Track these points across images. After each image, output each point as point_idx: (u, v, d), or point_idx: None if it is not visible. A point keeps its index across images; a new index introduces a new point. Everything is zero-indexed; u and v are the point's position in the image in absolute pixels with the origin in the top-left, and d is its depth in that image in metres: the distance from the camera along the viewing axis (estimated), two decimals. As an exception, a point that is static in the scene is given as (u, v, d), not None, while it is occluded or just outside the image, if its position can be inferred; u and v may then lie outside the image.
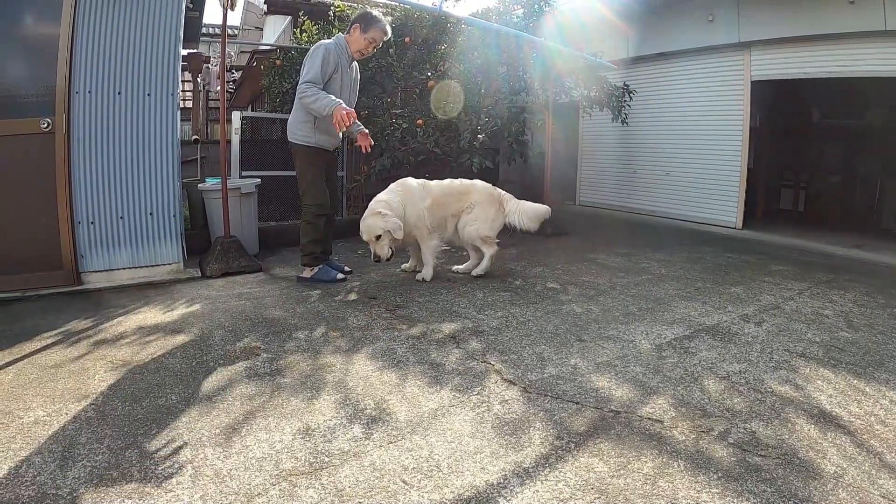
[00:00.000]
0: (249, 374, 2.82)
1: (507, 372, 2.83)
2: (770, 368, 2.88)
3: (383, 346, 3.20)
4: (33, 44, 4.29)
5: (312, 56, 4.28)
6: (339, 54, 4.36)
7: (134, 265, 4.58)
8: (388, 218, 4.15)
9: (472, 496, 1.85)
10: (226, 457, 2.09)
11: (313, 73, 4.22)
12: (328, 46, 4.31)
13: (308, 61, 4.29)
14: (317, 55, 4.26)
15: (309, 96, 4.17)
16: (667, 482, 1.91)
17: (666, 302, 3.99)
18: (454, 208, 4.58)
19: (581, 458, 2.07)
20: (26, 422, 2.35)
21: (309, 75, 4.22)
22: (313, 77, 4.22)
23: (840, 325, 3.56)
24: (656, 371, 2.84)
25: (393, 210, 4.22)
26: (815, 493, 1.85)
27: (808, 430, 2.26)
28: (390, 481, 1.94)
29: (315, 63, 4.24)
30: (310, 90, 4.18)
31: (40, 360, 3.00)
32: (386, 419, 2.37)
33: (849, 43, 6.18)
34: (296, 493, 1.87)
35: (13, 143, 4.16)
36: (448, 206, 4.55)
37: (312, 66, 4.24)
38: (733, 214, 7.47)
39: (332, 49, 4.32)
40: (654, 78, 8.39)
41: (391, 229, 4.13)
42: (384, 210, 4.18)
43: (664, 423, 2.31)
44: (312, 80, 4.21)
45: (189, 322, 3.61)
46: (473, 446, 2.15)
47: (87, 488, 1.90)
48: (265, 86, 8.55)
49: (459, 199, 4.60)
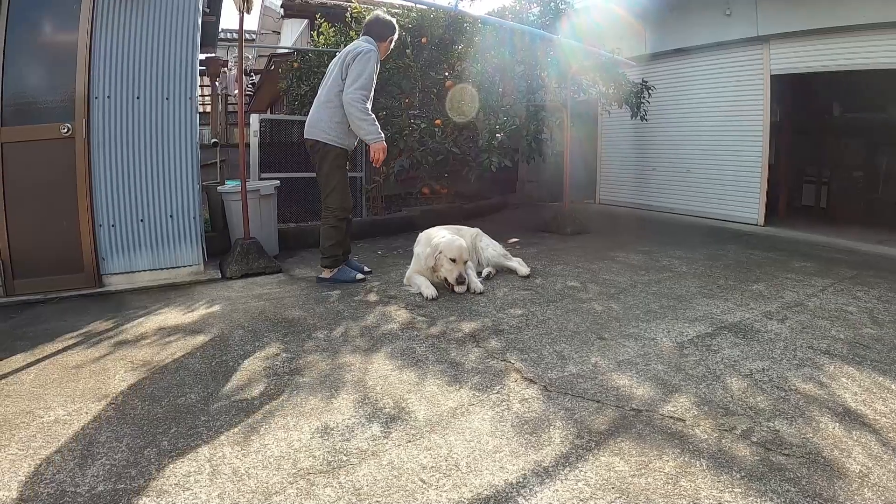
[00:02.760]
0: (268, 374, 2.83)
1: (527, 370, 2.81)
2: (794, 366, 2.82)
3: (402, 346, 3.19)
4: (52, 50, 4.35)
5: (365, 61, 4.26)
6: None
7: (154, 267, 4.62)
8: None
9: (491, 495, 1.83)
10: (244, 455, 2.10)
11: (367, 83, 4.27)
12: (375, 53, 4.38)
13: (360, 66, 4.25)
14: (369, 61, 4.28)
15: (363, 111, 4.25)
16: (689, 482, 1.88)
17: (687, 299, 3.94)
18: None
19: (602, 457, 2.04)
20: (46, 421, 2.38)
21: (363, 83, 4.24)
22: (367, 86, 4.26)
23: (864, 321, 3.48)
24: (678, 369, 2.79)
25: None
26: (839, 494, 1.81)
27: (833, 429, 2.21)
28: (408, 480, 1.93)
29: (369, 70, 4.27)
30: (364, 104, 4.26)
31: (61, 361, 3.04)
32: (405, 418, 2.36)
33: (870, 34, 6.04)
34: (313, 492, 1.87)
35: (35, 149, 4.22)
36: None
37: (367, 75, 4.25)
38: (755, 211, 7.35)
39: (378, 58, 4.42)
40: (672, 74, 8.30)
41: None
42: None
43: (686, 422, 2.28)
44: (366, 89, 4.26)
45: (209, 323, 3.63)
46: (493, 445, 2.13)
47: (105, 486, 1.92)
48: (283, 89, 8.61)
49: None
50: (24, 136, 4.19)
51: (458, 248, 4.14)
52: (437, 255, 4.14)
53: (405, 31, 7.02)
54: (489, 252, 4.73)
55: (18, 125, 4.18)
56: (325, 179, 4.48)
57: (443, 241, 4.17)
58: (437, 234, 4.33)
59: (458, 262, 4.14)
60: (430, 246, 4.19)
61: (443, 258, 4.14)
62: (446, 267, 4.14)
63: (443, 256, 4.14)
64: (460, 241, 4.21)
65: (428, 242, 4.27)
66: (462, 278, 4.14)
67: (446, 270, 4.14)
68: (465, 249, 4.19)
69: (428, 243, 4.26)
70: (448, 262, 4.13)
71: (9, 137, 4.15)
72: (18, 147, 4.18)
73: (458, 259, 4.13)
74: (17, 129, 4.17)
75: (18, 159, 4.18)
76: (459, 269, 4.14)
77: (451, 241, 4.16)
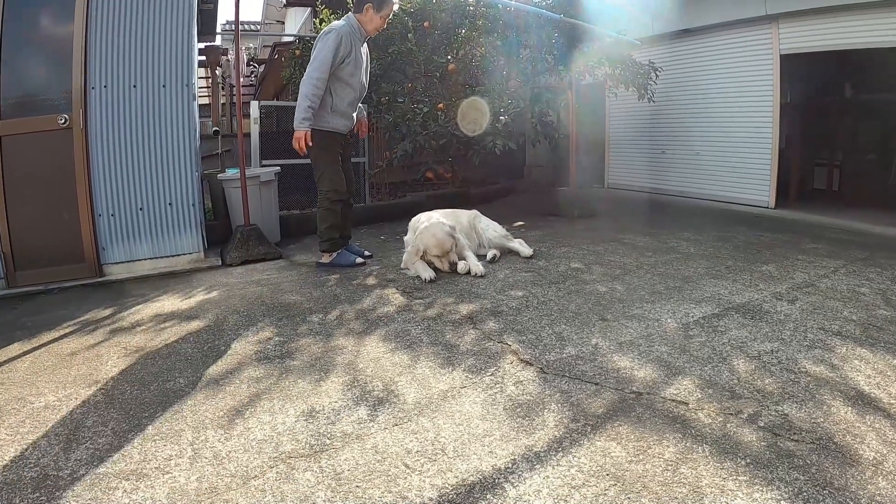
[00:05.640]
0: (259, 358, 2.79)
1: (524, 352, 2.72)
2: (804, 348, 2.71)
3: (397, 328, 3.13)
4: (48, 41, 4.35)
5: (324, 40, 4.15)
6: (352, 36, 4.24)
7: (155, 256, 4.62)
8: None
9: (477, 481, 1.75)
10: (226, 439, 2.06)
11: (320, 64, 4.12)
12: (340, 30, 4.17)
13: (320, 44, 4.16)
14: (328, 40, 4.13)
15: (303, 96, 4.13)
16: (689, 468, 1.78)
17: (694, 280, 3.83)
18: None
19: (597, 441, 1.95)
20: (37, 407, 2.39)
21: (315, 65, 4.13)
22: (320, 66, 4.12)
23: (878, 302, 3.35)
24: (682, 350, 2.69)
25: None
26: (851, 482, 1.70)
27: (845, 413, 2.09)
28: (391, 465, 1.86)
29: (326, 49, 4.12)
30: (309, 87, 4.12)
31: (57, 349, 3.05)
32: (393, 401, 2.30)
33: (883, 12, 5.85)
34: (293, 476, 1.82)
35: (33, 141, 4.22)
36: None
37: (324, 56, 4.12)
38: (766, 193, 7.20)
39: (345, 32, 4.19)
40: (680, 55, 8.15)
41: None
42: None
43: (689, 406, 2.18)
44: (318, 70, 4.12)
45: (205, 308, 3.60)
46: (483, 429, 2.05)
47: (87, 470, 1.92)
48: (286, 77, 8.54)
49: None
50: (22, 129, 4.19)
51: (437, 244, 4.03)
52: (421, 254, 4.09)
53: (408, 17, 6.93)
54: (490, 233, 4.64)
55: (16, 118, 4.18)
56: (314, 163, 4.47)
57: (420, 238, 4.07)
58: (420, 223, 4.22)
59: (443, 254, 4.05)
60: (413, 245, 4.13)
61: (428, 256, 4.08)
62: (436, 262, 4.08)
63: (427, 255, 4.08)
64: (440, 232, 4.05)
65: (413, 231, 4.21)
66: (454, 266, 4.07)
67: (438, 264, 4.08)
68: (444, 242, 4.04)
69: (413, 232, 4.20)
70: (434, 257, 4.06)
71: (7, 130, 4.16)
72: (17, 139, 4.19)
73: (439, 253, 4.04)
74: (14, 121, 4.17)
75: (17, 152, 4.19)
76: (448, 258, 4.07)
77: (429, 239, 4.04)
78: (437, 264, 4.08)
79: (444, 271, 4.09)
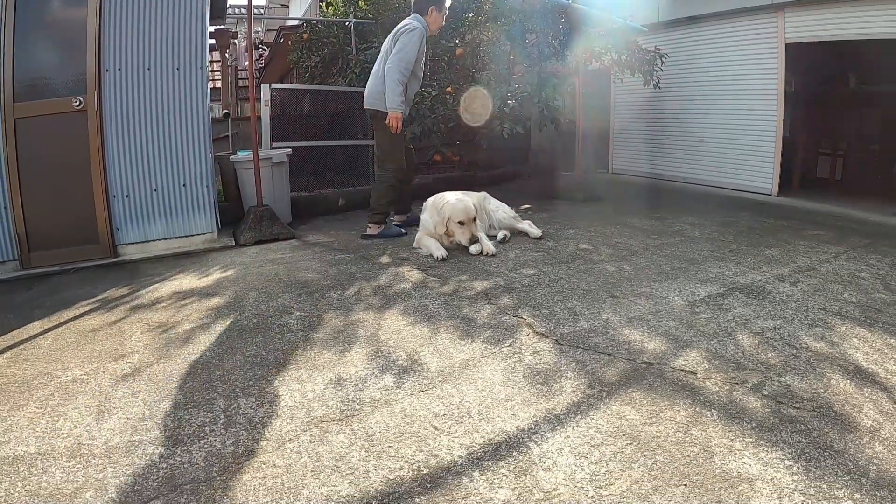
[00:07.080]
0: (282, 331, 2.87)
1: (539, 325, 2.82)
2: (805, 326, 2.81)
3: (415, 303, 3.22)
4: (63, 24, 4.35)
5: (411, 35, 4.55)
6: (424, 35, 4.69)
7: (168, 236, 4.66)
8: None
9: (503, 441, 1.86)
10: (258, 406, 2.14)
11: (407, 56, 4.54)
12: (422, 30, 4.63)
13: (404, 40, 4.55)
14: (415, 36, 4.56)
15: (394, 81, 4.51)
16: (700, 430, 1.89)
17: (699, 262, 3.92)
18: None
19: (613, 406, 2.06)
20: (64, 381, 2.42)
21: (403, 56, 4.52)
22: (406, 58, 4.54)
23: (877, 286, 3.44)
24: (689, 326, 2.79)
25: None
26: (850, 446, 1.81)
27: (844, 386, 2.20)
28: (420, 427, 1.95)
29: (413, 45, 4.55)
30: (399, 74, 4.51)
31: (78, 326, 3.09)
32: (417, 369, 2.39)
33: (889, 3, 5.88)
34: (326, 438, 1.91)
35: (48, 123, 4.23)
36: None
37: (408, 49, 4.54)
38: (769, 181, 7.25)
39: (423, 32, 4.66)
40: (686, 42, 8.16)
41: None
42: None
43: (697, 375, 2.28)
44: (405, 61, 4.53)
45: (223, 286, 3.67)
46: (504, 394, 2.16)
47: (121, 439, 1.96)
48: (293, 61, 8.56)
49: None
50: (36, 111, 4.20)
51: (464, 209, 4.17)
52: (445, 223, 4.18)
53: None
54: (500, 214, 4.74)
55: (31, 100, 4.19)
56: (382, 143, 4.89)
57: (448, 205, 4.19)
58: (443, 200, 4.33)
59: (468, 223, 4.18)
60: (438, 214, 4.22)
61: (452, 224, 4.17)
62: (458, 231, 4.17)
63: (451, 222, 4.17)
64: (466, 201, 4.24)
65: (435, 208, 4.30)
66: (474, 238, 4.20)
67: (459, 234, 4.18)
68: (471, 208, 4.21)
69: (435, 209, 4.29)
70: (457, 225, 4.16)
71: (22, 112, 4.16)
72: (32, 122, 4.19)
73: (465, 220, 4.16)
74: (29, 104, 4.18)
75: (32, 134, 4.20)
76: (470, 228, 4.19)
77: (456, 205, 4.19)
78: (457, 235, 4.20)
79: (462, 246, 4.21)
